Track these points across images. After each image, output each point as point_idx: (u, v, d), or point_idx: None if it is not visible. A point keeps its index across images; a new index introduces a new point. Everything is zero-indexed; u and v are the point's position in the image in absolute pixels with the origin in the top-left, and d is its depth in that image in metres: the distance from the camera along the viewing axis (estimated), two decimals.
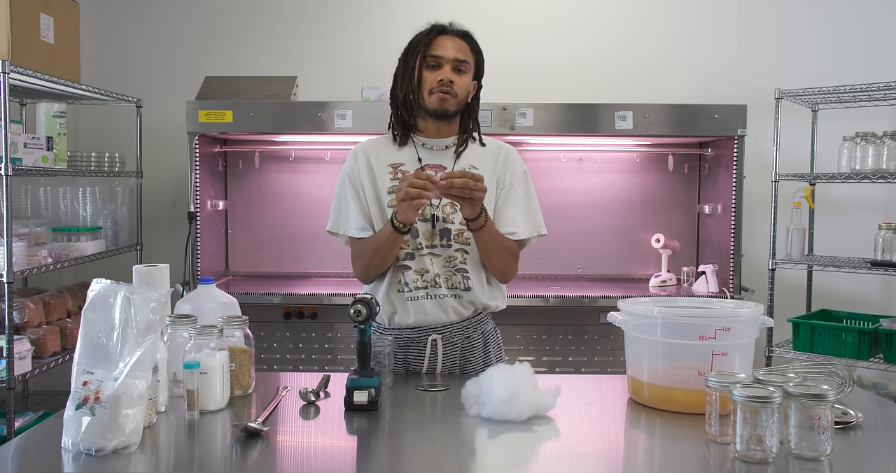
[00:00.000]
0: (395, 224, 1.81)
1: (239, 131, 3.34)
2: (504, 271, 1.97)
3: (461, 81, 1.91)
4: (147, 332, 1.40)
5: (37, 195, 3.33)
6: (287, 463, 1.37)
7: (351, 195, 1.96)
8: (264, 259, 3.78)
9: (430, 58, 1.90)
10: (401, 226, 1.81)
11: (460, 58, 1.91)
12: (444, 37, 1.92)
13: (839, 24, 3.76)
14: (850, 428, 1.50)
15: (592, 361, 3.27)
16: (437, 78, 1.89)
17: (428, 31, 1.94)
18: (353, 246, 1.97)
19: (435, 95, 1.89)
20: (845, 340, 3.12)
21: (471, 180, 1.72)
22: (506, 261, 1.94)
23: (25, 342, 2.77)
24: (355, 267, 1.97)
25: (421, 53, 1.91)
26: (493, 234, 1.89)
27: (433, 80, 1.89)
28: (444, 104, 1.90)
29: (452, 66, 1.90)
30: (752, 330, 1.64)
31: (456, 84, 1.90)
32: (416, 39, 1.94)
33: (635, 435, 1.57)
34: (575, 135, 3.37)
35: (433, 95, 1.90)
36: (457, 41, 1.92)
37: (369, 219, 1.94)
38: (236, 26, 3.87)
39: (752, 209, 3.52)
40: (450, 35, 1.93)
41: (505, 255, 1.93)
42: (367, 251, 1.90)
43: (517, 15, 3.82)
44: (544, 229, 2.00)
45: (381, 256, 1.88)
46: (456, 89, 1.90)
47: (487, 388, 1.56)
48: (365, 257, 1.91)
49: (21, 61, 2.76)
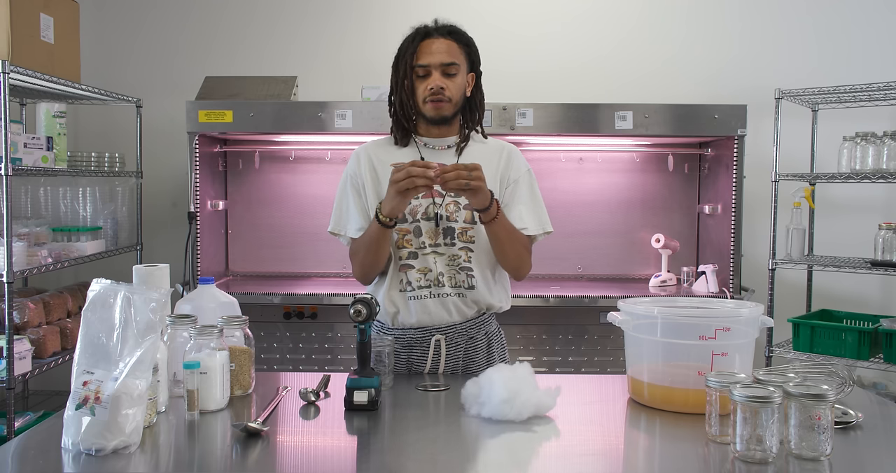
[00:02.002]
0: (381, 218, 1.79)
1: (239, 131, 3.34)
2: (519, 266, 1.94)
3: (453, 84, 1.89)
4: (147, 332, 1.40)
5: (37, 195, 3.33)
6: (287, 463, 1.37)
7: (352, 196, 1.96)
8: (264, 259, 3.78)
9: (417, 68, 1.88)
10: (387, 220, 1.79)
11: (447, 61, 1.88)
12: (428, 41, 1.89)
13: (839, 24, 3.76)
14: (850, 428, 1.50)
15: (592, 361, 3.27)
16: (428, 86, 1.87)
17: (412, 38, 1.91)
18: (353, 246, 1.96)
19: (429, 104, 1.88)
20: (845, 340, 3.12)
21: (463, 170, 1.70)
22: (521, 255, 1.92)
23: (25, 342, 2.77)
24: (353, 267, 1.96)
25: (408, 64, 1.89)
26: (506, 226, 1.86)
27: (425, 89, 1.88)
28: (439, 111, 1.89)
29: (441, 72, 1.88)
30: (752, 330, 1.64)
31: (448, 89, 1.88)
32: (403, 48, 1.92)
33: (635, 435, 1.57)
34: (575, 135, 3.37)
35: (427, 104, 1.88)
36: (442, 43, 1.89)
37: (369, 218, 1.94)
38: (236, 26, 3.87)
39: (752, 209, 3.52)
40: (434, 37, 1.89)
41: (519, 248, 1.91)
42: (360, 249, 1.90)
43: (517, 14, 3.82)
44: (550, 226, 1.98)
45: (373, 253, 1.87)
46: (449, 94, 1.88)
47: (487, 388, 1.56)
48: (359, 256, 1.91)
49: (21, 61, 2.76)
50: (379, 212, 1.80)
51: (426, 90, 1.87)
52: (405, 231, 1.90)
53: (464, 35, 1.94)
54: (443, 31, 1.91)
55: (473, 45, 1.96)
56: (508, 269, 1.96)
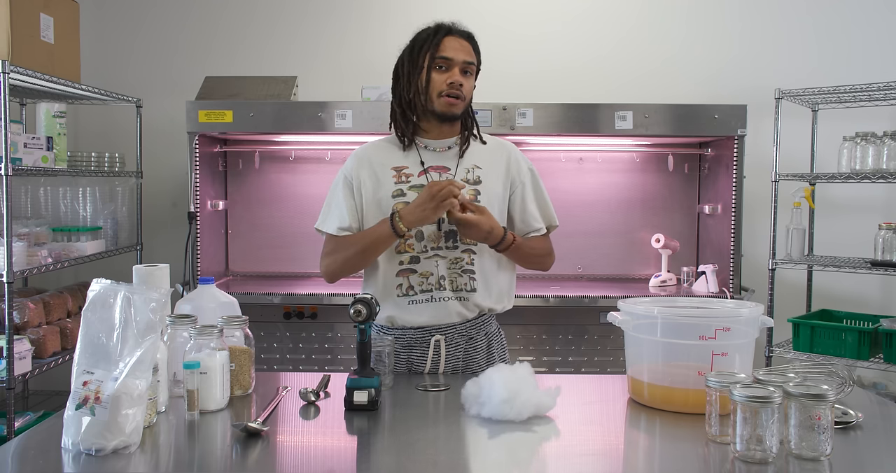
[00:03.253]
0: (401, 227, 1.80)
1: (239, 131, 3.34)
2: (543, 267, 2.05)
3: (468, 84, 1.91)
4: (147, 332, 1.40)
5: (37, 195, 3.33)
6: (287, 463, 1.37)
7: (343, 194, 1.94)
8: (264, 259, 3.78)
9: (439, 59, 1.87)
10: (406, 230, 1.81)
11: (468, 60, 1.89)
12: (451, 38, 1.89)
13: (839, 24, 3.76)
14: (850, 428, 1.50)
15: (592, 361, 3.27)
16: (448, 80, 1.87)
17: (435, 31, 1.90)
18: (330, 243, 1.95)
19: (444, 99, 1.88)
20: (845, 340, 3.12)
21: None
22: (543, 261, 2.03)
23: (25, 342, 2.77)
24: (327, 262, 1.95)
25: (430, 54, 1.87)
26: (522, 249, 1.93)
27: (442, 83, 1.87)
28: (452, 108, 1.89)
29: (461, 69, 1.89)
30: (752, 330, 1.64)
31: (464, 87, 1.89)
32: (423, 38, 1.90)
33: (635, 435, 1.57)
34: (575, 135, 3.37)
35: (442, 99, 1.88)
36: (463, 42, 1.91)
37: (356, 218, 1.93)
38: (236, 26, 3.87)
39: (752, 209, 3.52)
40: (456, 36, 1.91)
41: (540, 255, 2.00)
42: (352, 247, 1.89)
43: (517, 14, 3.82)
44: (556, 220, 2.04)
45: (367, 256, 1.88)
46: (464, 92, 1.89)
47: (487, 388, 1.56)
48: (345, 253, 1.90)
49: (21, 61, 2.76)
50: (399, 221, 1.80)
51: (445, 83, 1.87)
52: (408, 235, 1.90)
53: (477, 44, 1.96)
54: (464, 33, 1.93)
55: (481, 57, 1.98)
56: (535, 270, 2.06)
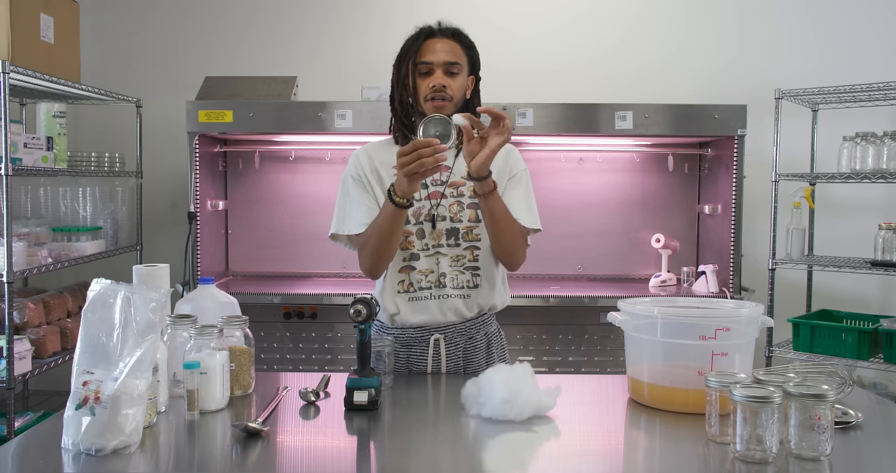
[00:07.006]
0: (396, 199, 1.74)
1: (239, 131, 3.34)
2: (513, 251, 1.90)
3: (455, 83, 1.90)
4: (147, 332, 1.40)
5: (37, 195, 3.33)
6: (287, 463, 1.37)
7: (355, 192, 1.92)
8: (264, 259, 3.78)
9: (420, 65, 1.88)
10: (403, 200, 1.74)
11: (450, 60, 1.88)
12: (432, 40, 1.89)
13: (839, 24, 3.76)
14: (850, 428, 1.50)
15: (592, 361, 3.27)
16: (430, 84, 1.87)
17: (416, 36, 1.91)
18: (358, 241, 1.91)
19: (430, 103, 1.88)
20: (845, 340, 3.12)
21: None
22: (515, 238, 1.88)
23: (25, 342, 2.77)
24: (362, 259, 1.90)
25: (411, 61, 1.89)
26: (501, 204, 1.84)
27: (426, 87, 1.88)
28: (439, 110, 1.88)
29: (444, 70, 1.88)
30: (752, 330, 1.64)
31: (449, 87, 1.88)
32: (406, 46, 1.92)
33: (635, 435, 1.57)
34: (575, 135, 3.37)
35: (428, 103, 1.88)
36: (446, 43, 1.90)
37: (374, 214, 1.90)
38: (236, 26, 3.87)
39: (752, 209, 3.52)
40: (438, 37, 1.90)
41: (514, 230, 1.87)
42: (371, 237, 1.84)
43: (517, 14, 3.82)
44: (539, 225, 1.96)
45: (386, 238, 1.81)
46: (450, 92, 1.88)
47: (487, 388, 1.56)
48: (369, 245, 1.85)
49: (21, 61, 2.76)
50: (393, 194, 1.75)
51: (428, 87, 1.87)
52: (408, 232, 1.89)
53: (466, 38, 1.95)
54: (447, 32, 1.92)
55: (475, 49, 1.96)
56: (502, 254, 1.91)
